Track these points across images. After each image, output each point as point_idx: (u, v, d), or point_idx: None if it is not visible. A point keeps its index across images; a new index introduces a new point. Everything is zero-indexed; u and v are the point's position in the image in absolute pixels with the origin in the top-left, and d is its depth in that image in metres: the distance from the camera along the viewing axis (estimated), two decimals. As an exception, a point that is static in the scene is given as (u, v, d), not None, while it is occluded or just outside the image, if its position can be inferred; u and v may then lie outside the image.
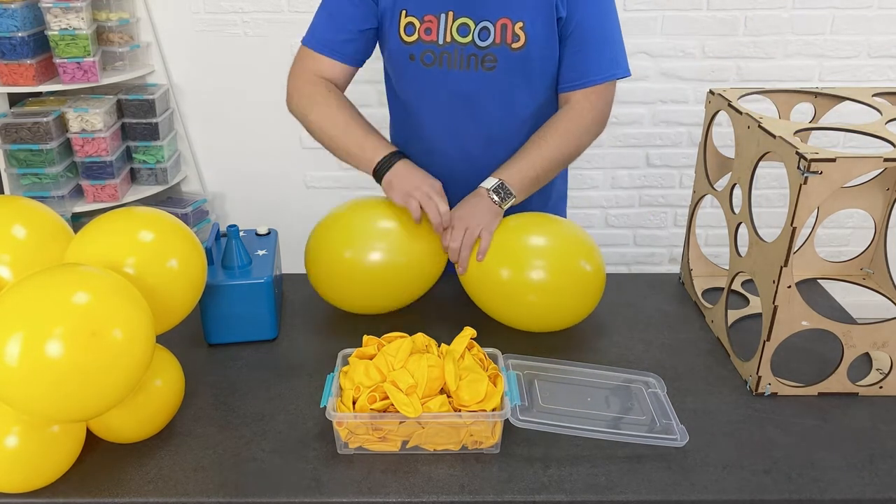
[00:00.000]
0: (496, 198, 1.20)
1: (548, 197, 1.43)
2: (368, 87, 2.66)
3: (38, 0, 2.22)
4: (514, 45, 1.22)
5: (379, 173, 1.23)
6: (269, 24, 2.57)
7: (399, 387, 0.92)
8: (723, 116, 1.22)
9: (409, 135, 1.38)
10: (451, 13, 1.21)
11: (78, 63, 2.29)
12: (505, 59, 1.23)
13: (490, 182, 1.22)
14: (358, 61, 1.32)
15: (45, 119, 2.26)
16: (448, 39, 1.23)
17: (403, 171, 1.22)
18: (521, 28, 1.21)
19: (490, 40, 1.22)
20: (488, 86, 1.26)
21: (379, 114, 2.81)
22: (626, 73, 1.30)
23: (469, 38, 1.22)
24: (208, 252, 1.11)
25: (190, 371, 1.05)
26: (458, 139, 1.31)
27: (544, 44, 1.23)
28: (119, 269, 0.88)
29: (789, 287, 0.98)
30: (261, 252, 1.21)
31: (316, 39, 1.30)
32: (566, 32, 1.23)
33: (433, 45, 1.23)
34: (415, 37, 1.24)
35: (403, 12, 1.23)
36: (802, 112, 1.26)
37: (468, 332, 1.02)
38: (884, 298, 1.27)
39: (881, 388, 1.05)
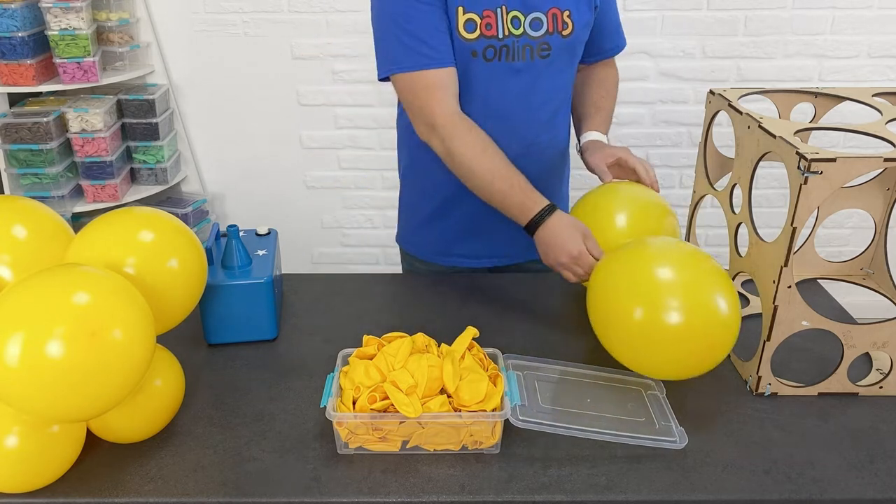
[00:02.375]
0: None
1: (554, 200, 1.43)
2: (369, 87, 2.66)
3: (38, 0, 2.22)
4: (565, 33, 1.30)
5: (531, 229, 1.22)
6: (269, 24, 2.57)
7: (399, 387, 0.92)
8: (723, 116, 1.22)
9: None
10: (503, 7, 1.26)
11: (78, 63, 2.29)
12: (558, 46, 1.31)
13: (602, 138, 1.41)
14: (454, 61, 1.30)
15: (45, 119, 2.26)
16: (506, 33, 1.27)
17: (548, 234, 1.19)
18: (568, 16, 1.29)
19: (543, 30, 1.28)
20: (544, 72, 1.32)
21: (379, 113, 2.81)
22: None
23: (521, 30, 1.27)
24: (208, 252, 1.11)
25: (190, 371, 1.05)
26: (514, 130, 1.34)
27: (586, 28, 1.35)
28: (119, 269, 0.88)
29: (789, 287, 0.98)
30: (261, 252, 1.21)
31: (413, 59, 1.23)
32: (599, 11, 1.37)
33: (494, 39, 1.26)
34: (476, 33, 1.25)
35: (460, 9, 1.24)
36: (802, 112, 1.26)
37: (470, 332, 1.02)
38: (884, 298, 1.27)
39: (881, 388, 1.05)
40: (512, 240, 1.37)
